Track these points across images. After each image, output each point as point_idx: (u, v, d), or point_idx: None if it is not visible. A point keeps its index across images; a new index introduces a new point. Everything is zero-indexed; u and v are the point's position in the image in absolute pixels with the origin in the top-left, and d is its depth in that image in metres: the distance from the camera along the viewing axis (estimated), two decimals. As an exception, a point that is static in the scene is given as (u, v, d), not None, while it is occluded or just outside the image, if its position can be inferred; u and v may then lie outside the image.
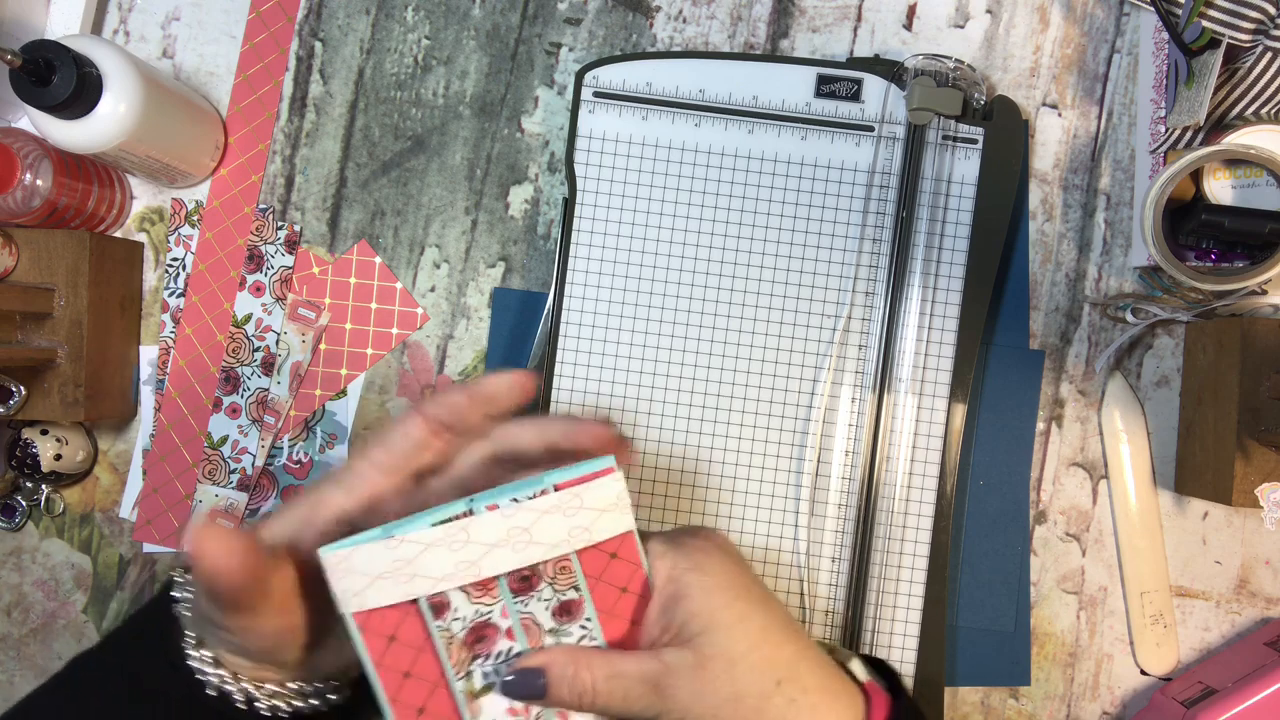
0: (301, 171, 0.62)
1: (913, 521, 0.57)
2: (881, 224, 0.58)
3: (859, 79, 0.57)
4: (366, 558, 0.39)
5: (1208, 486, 0.56)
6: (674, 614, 0.41)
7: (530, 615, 0.42)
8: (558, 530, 0.41)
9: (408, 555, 0.40)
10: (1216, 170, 0.55)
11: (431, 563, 0.40)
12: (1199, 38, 0.52)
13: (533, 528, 0.41)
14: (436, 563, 0.40)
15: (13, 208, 0.55)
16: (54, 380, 0.57)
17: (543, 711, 0.42)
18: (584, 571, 0.42)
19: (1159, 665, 0.60)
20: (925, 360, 0.57)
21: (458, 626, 0.41)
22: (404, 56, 0.62)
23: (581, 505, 0.41)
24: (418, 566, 0.40)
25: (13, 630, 0.62)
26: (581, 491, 0.41)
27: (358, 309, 0.61)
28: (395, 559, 0.40)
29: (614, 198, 0.58)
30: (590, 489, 0.41)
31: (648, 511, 0.58)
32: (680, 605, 0.41)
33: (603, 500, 0.42)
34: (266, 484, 0.61)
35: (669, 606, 0.42)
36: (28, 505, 0.62)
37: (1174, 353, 0.60)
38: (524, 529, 0.41)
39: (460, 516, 0.40)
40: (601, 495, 0.42)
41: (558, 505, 0.41)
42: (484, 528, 0.40)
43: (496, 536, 0.41)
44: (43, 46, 0.49)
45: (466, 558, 0.41)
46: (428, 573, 0.40)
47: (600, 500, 0.42)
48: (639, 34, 0.61)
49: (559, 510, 0.41)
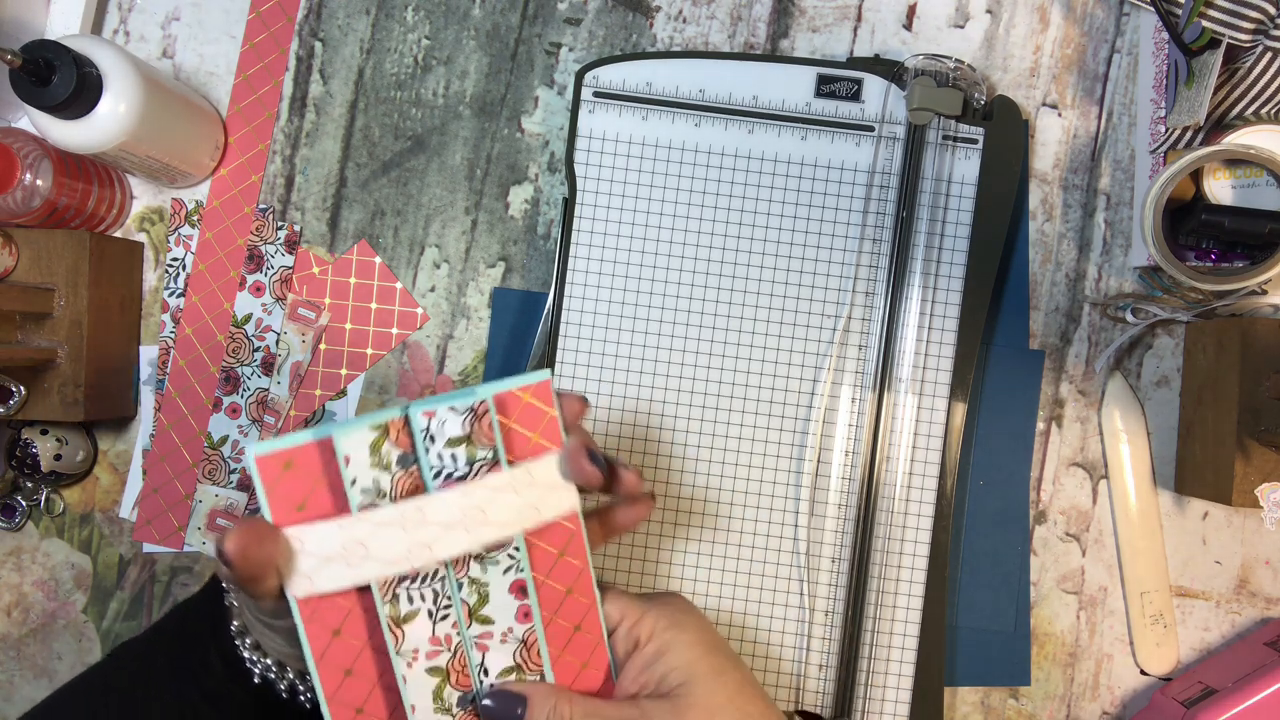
0: (301, 171, 0.62)
1: (913, 521, 0.57)
2: (881, 224, 0.58)
3: (859, 79, 0.57)
4: (320, 538, 0.39)
5: (1208, 486, 0.56)
6: (655, 669, 0.44)
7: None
8: (510, 508, 0.41)
9: (361, 536, 0.40)
10: (1216, 170, 0.55)
11: (385, 544, 0.40)
12: (1199, 38, 0.52)
13: (487, 507, 0.41)
14: (390, 544, 0.40)
15: (13, 208, 0.55)
16: (54, 380, 0.57)
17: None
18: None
19: (1159, 665, 0.60)
20: (925, 360, 0.57)
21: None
22: (404, 56, 0.62)
23: (531, 481, 0.42)
24: (371, 549, 0.40)
25: (13, 630, 0.62)
26: (531, 467, 0.42)
27: (358, 309, 0.61)
28: (348, 539, 0.39)
29: (614, 198, 0.58)
30: (539, 465, 0.42)
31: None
32: (661, 660, 0.44)
33: (550, 476, 0.42)
34: (266, 484, 0.61)
35: (650, 662, 0.44)
36: (28, 505, 0.62)
37: (1174, 353, 0.60)
38: (479, 508, 0.41)
39: (395, 422, 0.39)
40: (549, 471, 0.42)
41: (510, 482, 0.41)
42: (440, 507, 0.40)
43: (451, 516, 0.41)
44: (43, 46, 0.49)
45: (421, 539, 0.40)
46: (380, 555, 0.40)
47: (547, 476, 0.42)
48: (639, 34, 0.61)
49: (511, 487, 0.41)
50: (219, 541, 0.39)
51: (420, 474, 0.40)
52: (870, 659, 0.57)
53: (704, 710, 0.42)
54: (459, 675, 0.43)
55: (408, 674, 0.41)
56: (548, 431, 0.42)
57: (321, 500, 0.39)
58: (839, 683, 0.57)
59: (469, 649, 0.42)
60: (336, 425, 0.39)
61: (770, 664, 0.57)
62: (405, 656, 0.41)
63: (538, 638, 0.43)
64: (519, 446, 0.42)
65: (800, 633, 0.57)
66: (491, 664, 0.43)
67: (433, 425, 0.40)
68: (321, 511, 0.39)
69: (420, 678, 0.42)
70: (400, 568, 0.40)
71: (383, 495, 0.40)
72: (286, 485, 0.39)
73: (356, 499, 0.39)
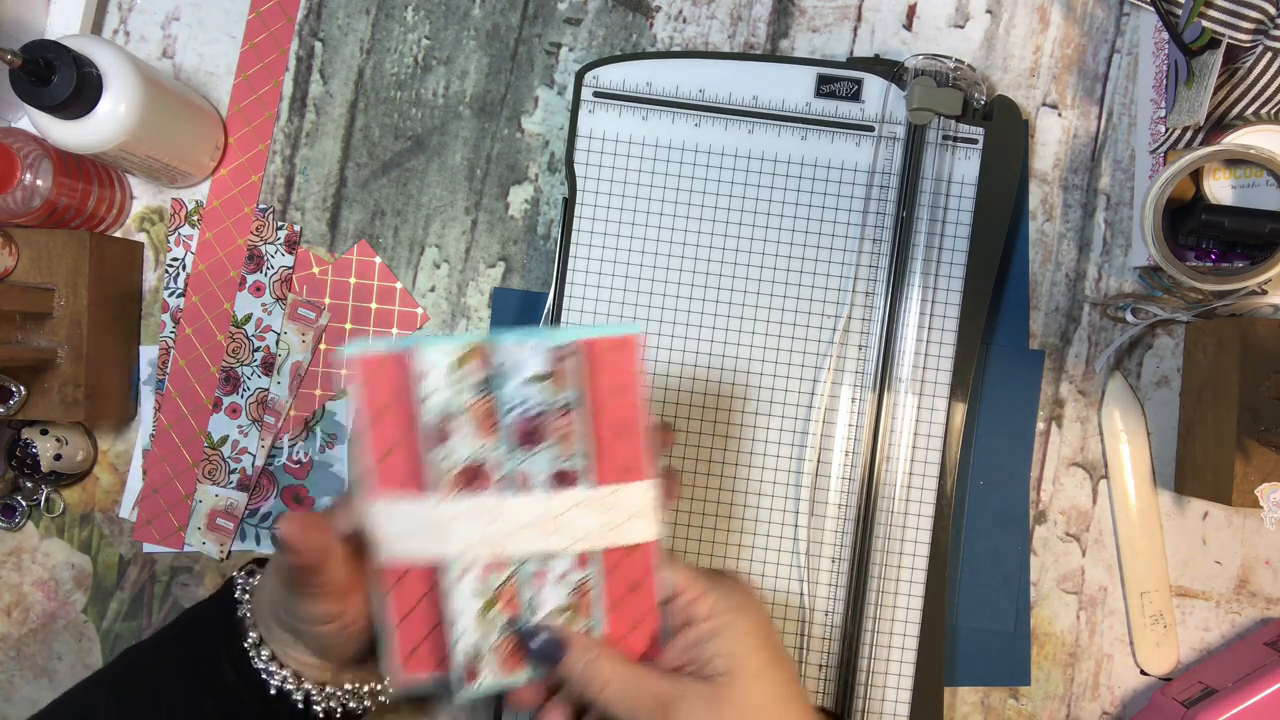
0: (301, 171, 0.62)
1: (913, 521, 0.57)
2: (881, 224, 0.58)
3: (859, 79, 0.57)
4: (406, 514, 0.41)
5: (1208, 486, 0.56)
6: (703, 649, 0.43)
7: (526, 473, 0.42)
8: (586, 525, 0.43)
9: (442, 519, 0.42)
10: (1216, 170, 0.55)
11: (462, 530, 0.42)
12: (1199, 38, 0.52)
13: (562, 516, 0.42)
14: (466, 530, 0.42)
15: (13, 208, 0.55)
16: (54, 380, 0.57)
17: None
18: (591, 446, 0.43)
19: (1159, 665, 0.60)
20: (925, 360, 0.57)
21: (452, 460, 0.42)
22: (404, 56, 0.62)
23: (615, 504, 0.43)
24: (449, 531, 0.42)
25: (13, 630, 0.62)
26: (618, 489, 0.42)
27: (358, 309, 0.61)
28: (430, 519, 0.42)
29: (614, 198, 0.58)
30: (626, 491, 0.43)
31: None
32: (712, 642, 0.43)
33: (636, 504, 0.43)
34: (266, 484, 0.61)
35: (700, 641, 0.43)
36: (28, 505, 0.62)
37: (1174, 353, 0.60)
38: (554, 516, 0.42)
39: (479, 348, 0.41)
40: (635, 499, 0.43)
41: (591, 500, 0.42)
42: (517, 509, 0.42)
43: (527, 520, 0.42)
44: (43, 46, 0.49)
45: (496, 533, 0.42)
46: (458, 539, 0.42)
47: (633, 503, 0.43)
48: (639, 34, 0.61)
49: (591, 504, 0.42)
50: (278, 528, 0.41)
51: (495, 404, 0.42)
52: (870, 659, 0.57)
53: (740, 707, 0.42)
54: (509, 600, 0.44)
55: (456, 587, 0.43)
56: (630, 388, 0.42)
57: (404, 409, 0.41)
58: (839, 683, 0.57)
59: (523, 581, 0.43)
60: (424, 339, 0.41)
61: (770, 664, 0.57)
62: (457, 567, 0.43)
63: (592, 587, 0.44)
64: (598, 395, 0.42)
65: (800, 633, 0.57)
66: (544, 600, 0.44)
67: (516, 357, 0.41)
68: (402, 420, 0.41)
69: (467, 594, 0.43)
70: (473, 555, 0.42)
71: (456, 414, 0.41)
72: (374, 389, 0.41)
73: (429, 414, 0.41)
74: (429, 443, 0.42)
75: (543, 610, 0.44)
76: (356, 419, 0.41)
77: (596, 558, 0.43)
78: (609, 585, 0.44)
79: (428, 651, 0.44)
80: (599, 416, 0.42)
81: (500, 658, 0.44)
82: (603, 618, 0.44)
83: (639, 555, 0.44)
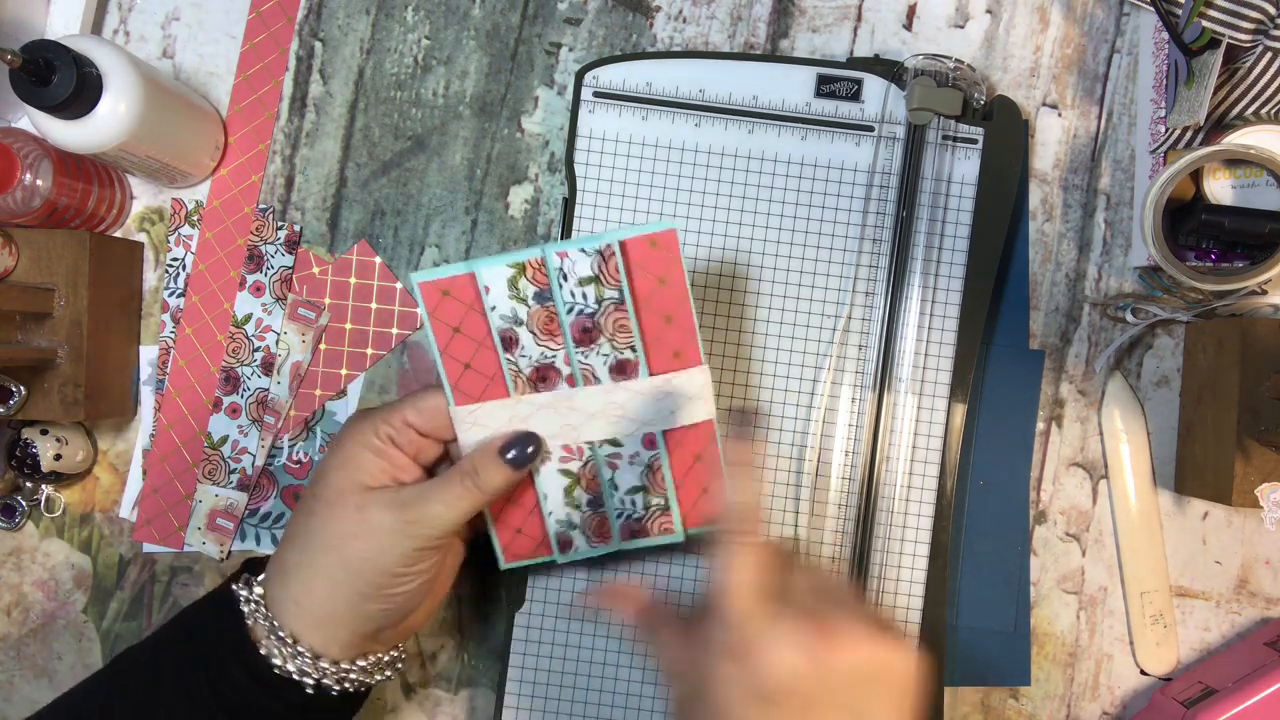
0: (301, 171, 0.62)
1: (913, 521, 0.57)
2: (881, 224, 0.58)
3: (859, 79, 0.57)
4: (489, 413, 0.48)
5: (1208, 486, 0.56)
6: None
7: (590, 366, 0.48)
8: (648, 410, 0.49)
9: (523, 414, 0.48)
10: (1216, 170, 0.55)
11: (541, 423, 0.48)
12: (1199, 38, 0.52)
13: (626, 404, 0.48)
14: (545, 423, 0.48)
15: (13, 208, 0.55)
16: (54, 380, 0.57)
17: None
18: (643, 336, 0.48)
19: (1159, 665, 0.60)
20: (925, 360, 0.57)
21: (524, 363, 0.48)
22: (404, 56, 0.62)
23: (670, 390, 0.48)
24: (529, 424, 0.48)
25: (13, 630, 0.62)
26: (672, 378, 0.48)
27: (358, 309, 0.61)
28: (511, 416, 0.48)
29: (614, 198, 0.58)
30: (680, 377, 0.48)
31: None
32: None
33: (690, 388, 0.48)
34: (266, 484, 0.61)
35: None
36: (28, 505, 0.62)
37: (1174, 353, 0.60)
38: (619, 404, 0.48)
39: (533, 261, 0.46)
40: (688, 383, 0.48)
41: (648, 389, 0.48)
42: (586, 399, 0.48)
43: (595, 408, 0.48)
44: (43, 46, 0.49)
45: (570, 421, 0.48)
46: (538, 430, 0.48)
47: (688, 388, 0.48)
48: (639, 34, 0.61)
49: (649, 394, 0.48)
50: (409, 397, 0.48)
51: (555, 309, 0.47)
52: (870, 659, 0.57)
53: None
54: (589, 481, 0.50)
55: (542, 470, 0.49)
56: (674, 278, 0.47)
57: (475, 324, 0.47)
58: (839, 683, 0.57)
59: (600, 464, 0.50)
60: (480, 260, 0.46)
61: (770, 664, 0.57)
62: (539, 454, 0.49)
63: (661, 464, 0.50)
64: (643, 288, 0.47)
65: (800, 633, 0.57)
66: (621, 480, 0.50)
67: (565, 265, 0.46)
68: (475, 334, 0.47)
69: (553, 476, 0.50)
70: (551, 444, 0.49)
71: (520, 323, 0.47)
72: (445, 310, 0.47)
73: (497, 323, 0.47)
74: (501, 350, 0.47)
75: (622, 488, 0.50)
76: (434, 340, 0.47)
77: (660, 438, 0.49)
78: (674, 460, 0.50)
79: (523, 538, 0.51)
80: (647, 310, 0.47)
81: (590, 531, 0.51)
82: (673, 490, 0.50)
83: (699, 431, 0.49)
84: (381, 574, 0.46)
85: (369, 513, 0.46)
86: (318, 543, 0.47)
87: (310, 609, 0.47)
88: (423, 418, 0.48)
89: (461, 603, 0.61)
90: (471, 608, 0.61)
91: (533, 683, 0.57)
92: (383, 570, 0.46)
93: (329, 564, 0.46)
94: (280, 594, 0.47)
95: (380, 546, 0.46)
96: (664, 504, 0.51)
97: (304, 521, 0.48)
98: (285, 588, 0.47)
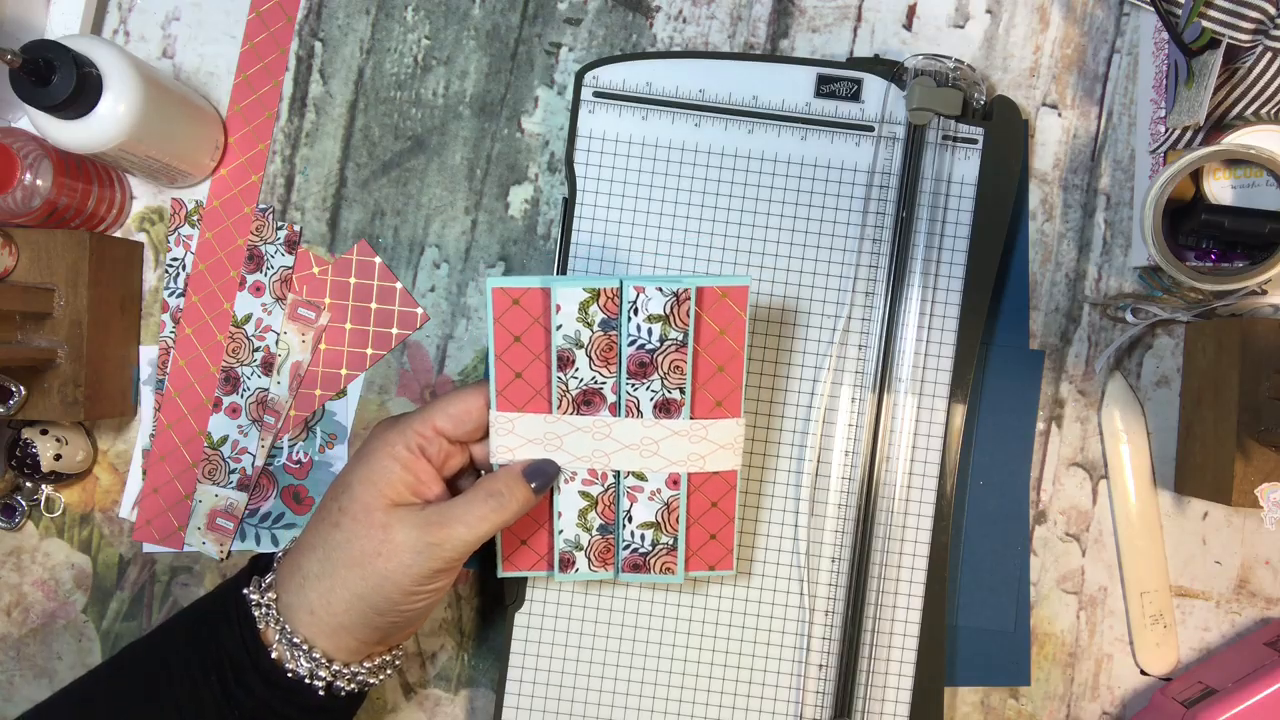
0: (301, 171, 0.62)
1: (913, 521, 0.57)
2: (881, 224, 0.58)
3: (859, 79, 0.57)
4: (528, 424, 0.49)
5: (1208, 486, 0.56)
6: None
7: (635, 400, 0.49)
8: (679, 450, 0.50)
9: (560, 431, 0.49)
10: (1216, 170, 0.55)
11: (575, 443, 0.49)
12: (1199, 38, 0.52)
13: (661, 442, 0.49)
14: (578, 444, 0.49)
15: (13, 208, 0.55)
16: (54, 380, 0.57)
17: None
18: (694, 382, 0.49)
19: (1159, 665, 0.60)
20: (925, 360, 0.57)
21: (574, 385, 0.49)
22: (404, 56, 0.62)
23: (705, 436, 0.50)
24: (564, 443, 0.49)
25: (13, 630, 0.62)
26: (710, 424, 0.49)
27: (358, 309, 0.61)
28: (548, 432, 0.49)
29: (614, 198, 0.58)
30: (718, 425, 0.50)
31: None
32: None
33: (724, 437, 0.50)
34: (266, 484, 0.61)
35: None
36: (28, 505, 0.62)
37: (1174, 353, 0.60)
38: (654, 441, 0.49)
39: (608, 290, 0.48)
40: (724, 433, 0.50)
41: (686, 430, 0.49)
42: (624, 431, 0.49)
43: (631, 440, 0.49)
44: (43, 46, 0.49)
45: (603, 449, 0.50)
46: (569, 450, 0.50)
47: (722, 437, 0.50)
48: (639, 34, 0.61)
49: (686, 435, 0.49)
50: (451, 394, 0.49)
51: (618, 339, 0.48)
52: (870, 659, 0.57)
53: None
54: (606, 507, 0.51)
55: (564, 488, 0.51)
56: (734, 331, 0.49)
57: (537, 337, 0.48)
58: (839, 683, 0.57)
59: (620, 493, 0.51)
60: (557, 279, 0.48)
61: (770, 664, 0.57)
62: (565, 474, 0.50)
63: (679, 505, 0.51)
64: (706, 337, 0.49)
65: (800, 633, 0.57)
66: (637, 513, 0.51)
67: (639, 300, 0.48)
68: (534, 346, 0.48)
69: (573, 495, 0.51)
70: (579, 465, 0.50)
71: (580, 346, 0.48)
72: (511, 318, 0.48)
73: (558, 341, 0.48)
74: (555, 368, 0.49)
75: (635, 521, 0.51)
76: (494, 344, 0.48)
77: (684, 479, 0.50)
78: (692, 503, 0.51)
79: (527, 551, 0.53)
80: (702, 356, 0.49)
81: (593, 555, 0.52)
82: (684, 531, 0.52)
83: (721, 479, 0.51)
84: (400, 591, 0.47)
85: (394, 532, 0.46)
86: (341, 556, 0.47)
87: (325, 619, 0.47)
88: (454, 422, 0.49)
89: (461, 603, 0.61)
90: (471, 608, 0.61)
91: (533, 683, 0.57)
92: (402, 588, 0.47)
93: (351, 579, 0.47)
94: (295, 600, 0.48)
95: (402, 565, 0.46)
96: (671, 544, 0.52)
97: (328, 533, 0.48)
98: (302, 595, 0.48)
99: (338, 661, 0.48)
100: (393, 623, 0.48)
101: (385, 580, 0.46)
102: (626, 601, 0.57)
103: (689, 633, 0.57)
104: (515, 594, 0.57)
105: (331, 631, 0.47)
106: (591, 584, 0.57)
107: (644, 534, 0.51)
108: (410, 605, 0.48)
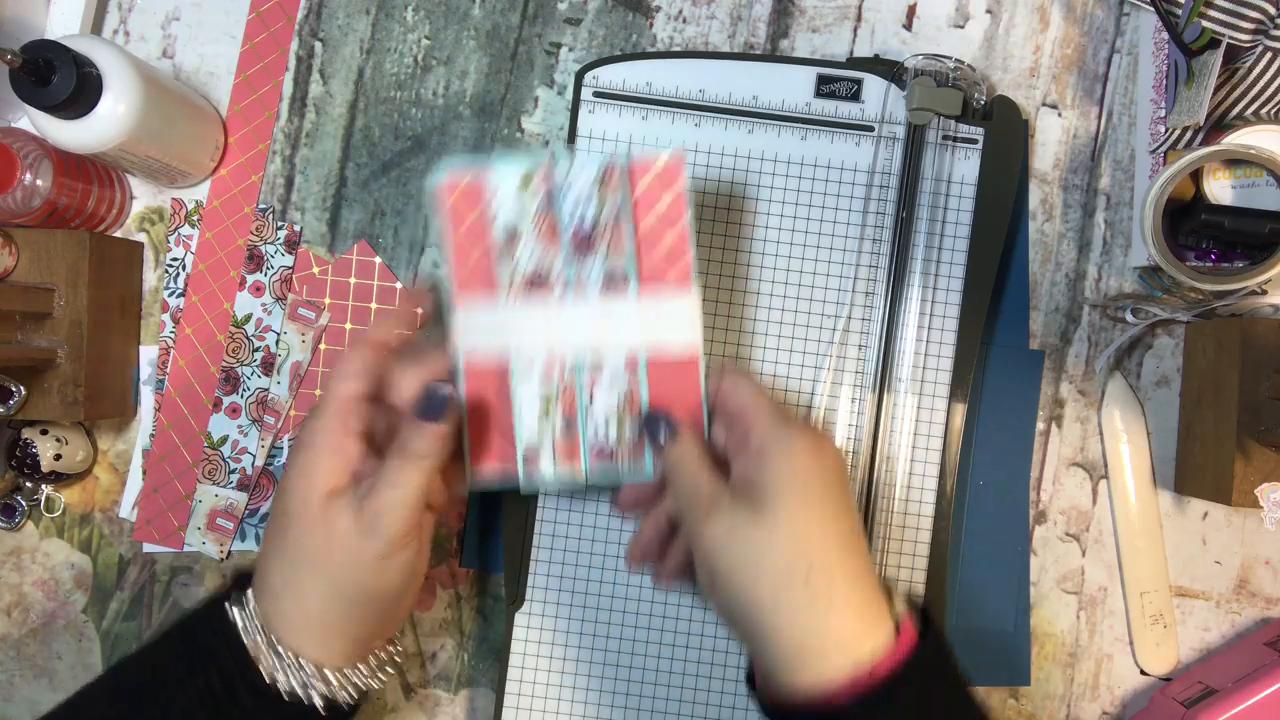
0: (301, 171, 0.62)
1: (913, 521, 0.57)
2: (881, 224, 0.58)
3: (859, 79, 0.57)
4: (480, 316, 0.50)
5: (1208, 486, 0.56)
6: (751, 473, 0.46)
7: (582, 279, 0.49)
8: (632, 330, 0.50)
9: (509, 320, 0.50)
10: (1216, 170, 0.55)
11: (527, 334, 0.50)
12: (1199, 38, 0.52)
13: (612, 321, 0.50)
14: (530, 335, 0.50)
15: (13, 208, 0.55)
16: (54, 380, 0.57)
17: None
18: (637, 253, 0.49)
19: (1159, 665, 0.60)
20: (925, 360, 0.57)
21: (521, 267, 0.50)
22: (404, 56, 0.62)
23: (658, 313, 0.49)
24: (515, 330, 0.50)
25: (13, 630, 0.62)
26: (661, 300, 0.49)
27: (358, 309, 0.61)
28: (498, 322, 0.50)
29: (614, 198, 0.58)
30: (669, 302, 0.49)
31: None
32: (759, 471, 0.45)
33: (678, 315, 0.50)
34: (266, 484, 0.61)
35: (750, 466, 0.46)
36: (28, 505, 0.62)
37: (1174, 353, 0.60)
38: (605, 319, 0.50)
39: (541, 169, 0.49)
40: (677, 310, 0.49)
41: (637, 308, 0.49)
42: (574, 313, 0.49)
43: (582, 322, 0.50)
44: (43, 46, 0.49)
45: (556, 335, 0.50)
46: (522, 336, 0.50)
47: (676, 314, 0.50)
48: (639, 34, 0.61)
49: (637, 313, 0.49)
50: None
51: (556, 218, 0.49)
52: (870, 659, 0.57)
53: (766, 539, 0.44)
54: (568, 404, 0.50)
55: (520, 389, 0.50)
56: (675, 204, 0.49)
57: (480, 225, 0.49)
58: (839, 683, 0.57)
59: (580, 386, 0.50)
60: (495, 159, 0.49)
61: (770, 664, 0.57)
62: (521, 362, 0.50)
63: (641, 394, 0.50)
64: (644, 212, 0.49)
65: (800, 633, 0.57)
66: (598, 403, 0.50)
67: (571, 176, 0.49)
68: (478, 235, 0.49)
69: (532, 393, 0.50)
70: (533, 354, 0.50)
71: (524, 221, 0.49)
72: (456, 210, 0.49)
73: (501, 220, 0.49)
74: (499, 253, 0.49)
75: (597, 407, 0.50)
76: (443, 237, 0.49)
77: (642, 365, 0.50)
78: (653, 394, 0.50)
79: (491, 457, 0.51)
80: (645, 232, 0.49)
81: (558, 451, 0.51)
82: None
83: (683, 365, 0.50)
84: (367, 575, 0.46)
85: (335, 523, 0.46)
86: (299, 559, 0.46)
87: (306, 625, 0.46)
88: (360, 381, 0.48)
89: (461, 603, 0.61)
90: (471, 608, 0.61)
91: (533, 683, 0.57)
92: (367, 571, 0.46)
93: (315, 581, 0.46)
94: (273, 610, 0.46)
95: (354, 551, 0.45)
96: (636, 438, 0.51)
97: (280, 539, 0.47)
98: (277, 605, 0.46)
99: (329, 668, 0.46)
100: (376, 610, 0.47)
101: (346, 571, 0.46)
102: (627, 601, 0.57)
103: (689, 633, 0.57)
104: (515, 594, 0.57)
105: (319, 637, 0.46)
106: (591, 583, 0.57)
107: (607, 420, 0.50)
108: (385, 585, 0.46)
